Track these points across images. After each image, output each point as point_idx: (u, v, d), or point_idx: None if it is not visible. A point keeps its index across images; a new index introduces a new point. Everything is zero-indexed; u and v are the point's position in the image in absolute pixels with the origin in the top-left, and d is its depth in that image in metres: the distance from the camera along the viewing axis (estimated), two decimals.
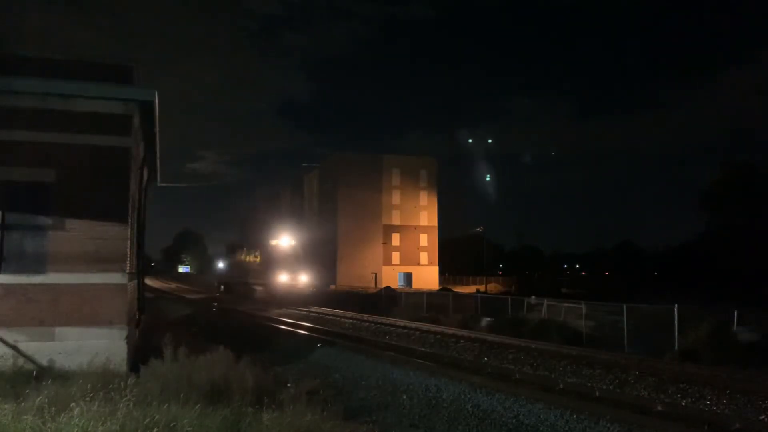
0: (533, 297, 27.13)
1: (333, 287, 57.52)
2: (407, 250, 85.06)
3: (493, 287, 70.72)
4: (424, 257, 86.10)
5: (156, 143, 14.22)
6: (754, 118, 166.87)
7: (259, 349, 16.04)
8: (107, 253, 10.70)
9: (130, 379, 8.59)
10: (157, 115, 12.12)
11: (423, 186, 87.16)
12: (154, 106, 11.47)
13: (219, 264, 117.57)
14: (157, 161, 16.38)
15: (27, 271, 10.35)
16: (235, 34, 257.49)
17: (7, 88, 10.39)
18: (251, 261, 46.50)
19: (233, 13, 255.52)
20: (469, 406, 10.55)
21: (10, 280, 10.28)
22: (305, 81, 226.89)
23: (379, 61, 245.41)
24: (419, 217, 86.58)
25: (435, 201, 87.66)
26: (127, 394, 7.46)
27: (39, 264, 10.45)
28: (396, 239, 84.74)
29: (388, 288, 49.77)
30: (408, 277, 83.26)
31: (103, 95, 10.96)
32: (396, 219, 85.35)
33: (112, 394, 7.58)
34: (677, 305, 17.68)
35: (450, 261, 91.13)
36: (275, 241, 41.72)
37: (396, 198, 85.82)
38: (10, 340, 10.06)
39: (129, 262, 11.46)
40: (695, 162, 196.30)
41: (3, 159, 10.41)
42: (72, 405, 6.78)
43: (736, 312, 17.90)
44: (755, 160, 79.15)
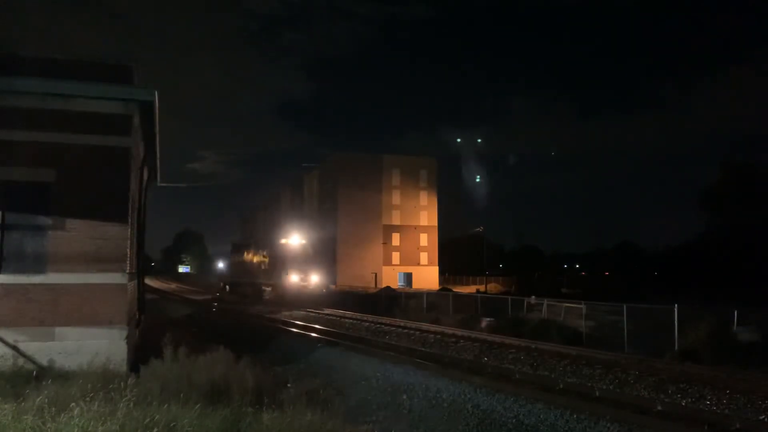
0: (533, 297, 27.12)
1: (333, 287, 57.26)
2: (407, 250, 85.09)
3: (493, 287, 70.71)
4: (424, 257, 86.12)
5: (156, 143, 14.22)
6: (753, 118, 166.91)
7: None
8: (107, 253, 10.70)
9: (130, 379, 8.60)
10: (157, 115, 12.13)
11: (423, 186, 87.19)
12: (154, 106, 11.48)
13: (219, 264, 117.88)
14: (157, 161, 16.38)
15: (27, 271, 10.36)
16: (235, 34, 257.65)
17: (7, 88, 10.39)
18: (258, 261, 44.00)
19: (233, 13, 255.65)
20: (469, 406, 10.55)
21: (10, 280, 10.29)
22: (305, 81, 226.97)
23: (379, 61, 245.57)
24: (419, 217, 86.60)
25: (435, 201, 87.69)
26: (127, 394, 7.47)
27: (39, 264, 10.45)
28: (396, 239, 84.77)
29: (387, 288, 49.77)
30: (408, 277, 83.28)
31: (103, 95, 10.97)
32: (396, 219, 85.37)
33: (112, 394, 7.59)
34: (677, 305, 17.68)
35: (450, 261, 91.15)
36: (285, 240, 39.62)
37: (396, 198, 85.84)
38: (10, 340, 10.07)
39: (129, 262, 11.46)
40: (695, 162, 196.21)
41: (3, 159, 10.42)
42: (72, 405, 6.78)
43: (736, 312, 17.89)
44: (755, 160, 79.12)
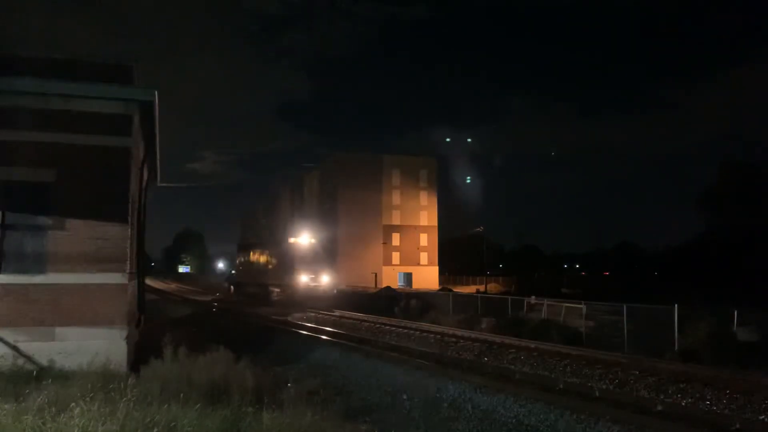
0: (533, 297, 27.13)
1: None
2: (407, 250, 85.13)
3: (493, 287, 70.73)
4: (424, 257, 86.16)
5: (156, 143, 14.22)
6: (753, 118, 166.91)
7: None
8: (107, 253, 10.70)
9: (130, 379, 8.60)
10: (157, 115, 12.13)
11: (423, 186, 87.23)
12: (154, 106, 11.48)
13: (219, 264, 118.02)
14: (157, 161, 16.38)
15: (27, 271, 10.36)
16: (235, 34, 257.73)
17: (7, 88, 10.39)
18: (265, 261, 41.63)
19: (233, 13, 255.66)
20: (469, 406, 10.55)
21: (10, 280, 10.29)
22: (305, 81, 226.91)
23: (379, 61, 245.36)
24: (419, 217, 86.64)
25: (435, 201, 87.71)
26: (128, 394, 7.47)
27: (39, 264, 10.45)
28: (396, 239, 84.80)
29: (387, 288, 49.79)
30: (408, 277, 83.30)
31: (104, 95, 10.97)
32: (396, 219, 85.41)
33: (112, 394, 7.59)
34: (677, 305, 17.69)
35: (450, 261, 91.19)
36: (293, 239, 37.57)
37: (396, 198, 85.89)
38: (10, 340, 10.07)
39: (129, 262, 11.45)
40: (695, 162, 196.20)
41: (3, 159, 10.41)
42: (72, 405, 6.78)
43: (736, 312, 17.90)
44: (755, 160, 79.18)
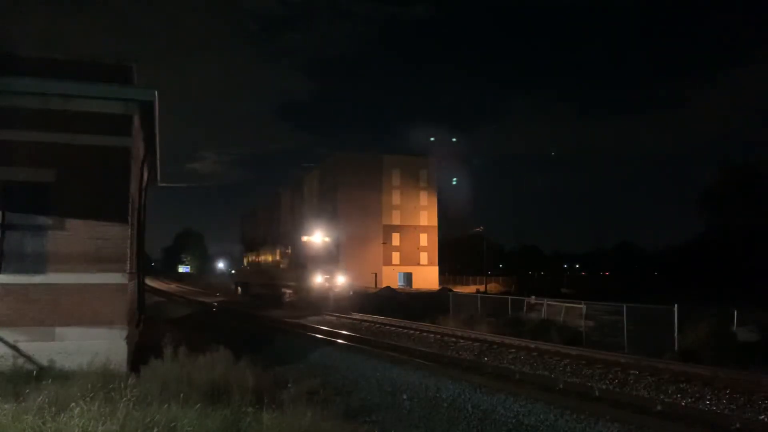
0: (533, 297, 27.12)
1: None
2: (407, 250, 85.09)
3: (493, 287, 70.73)
4: (424, 257, 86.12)
5: (156, 143, 14.23)
6: (753, 118, 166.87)
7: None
8: (107, 253, 10.70)
9: (130, 379, 8.61)
10: (157, 115, 12.13)
11: (423, 186, 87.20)
12: (154, 106, 11.48)
13: (219, 264, 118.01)
14: (157, 161, 16.39)
15: (27, 271, 10.36)
16: (235, 34, 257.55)
17: (7, 88, 10.38)
18: (275, 260, 39.63)
19: (233, 13, 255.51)
20: (469, 405, 10.55)
21: (10, 280, 10.29)
22: (305, 81, 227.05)
23: (379, 61, 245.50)
24: (419, 217, 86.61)
25: (435, 201, 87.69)
26: (128, 394, 7.47)
27: (39, 264, 10.45)
28: (396, 239, 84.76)
29: (387, 288, 49.82)
30: (408, 277, 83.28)
31: (103, 95, 10.96)
32: (396, 219, 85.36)
33: (112, 394, 7.58)
34: (677, 305, 17.69)
35: (450, 261, 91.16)
36: (306, 238, 35.04)
37: (396, 198, 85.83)
38: (10, 340, 10.07)
39: (129, 262, 11.46)
40: (695, 162, 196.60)
41: (3, 159, 10.41)
42: (72, 405, 6.78)
43: (735, 312, 17.91)
44: (755, 160, 79.21)
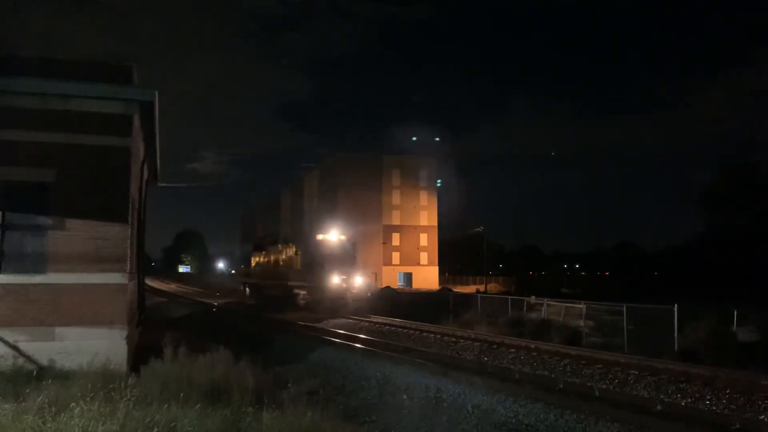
0: (533, 297, 27.11)
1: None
2: (407, 250, 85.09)
3: (493, 287, 70.68)
4: (424, 257, 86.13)
5: (156, 143, 14.24)
6: (753, 118, 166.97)
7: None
8: (107, 253, 10.70)
9: (130, 379, 8.61)
10: (157, 115, 12.14)
11: (423, 186, 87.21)
12: (154, 106, 11.48)
13: (220, 264, 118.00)
14: (157, 161, 16.40)
15: (27, 271, 10.36)
16: (235, 34, 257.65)
17: (7, 88, 10.39)
18: (288, 259, 36.79)
19: (233, 13, 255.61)
20: (470, 405, 10.55)
21: (10, 280, 10.29)
22: (305, 81, 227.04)
23: (380, 61, 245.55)
24: (419, 217, 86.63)
25: (435, 201, 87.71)
26: (128, 394, 7.47)
27: (39, 264, 10.45)
28: (396, 239, 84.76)
29: (388, 288, 49.80)
30: (408, 277, 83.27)
31: (103, 95, 10.97)
32: (396, 219, 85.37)
33: (112, 394, 7.58)
34: (677, 305, 17.69)
35: (450, 261, 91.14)
36: (322, 236, 33.06)
37: (396, 198, 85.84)
38: (10, 340, 10.07)
39: (129, 262, 11.46)
40: (695, 162, 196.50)
41: (3, 159, 10.41)
42: (72, 405, 6.78)
43: (735, 312, 17.89)
44: (755, 160, 79.31)
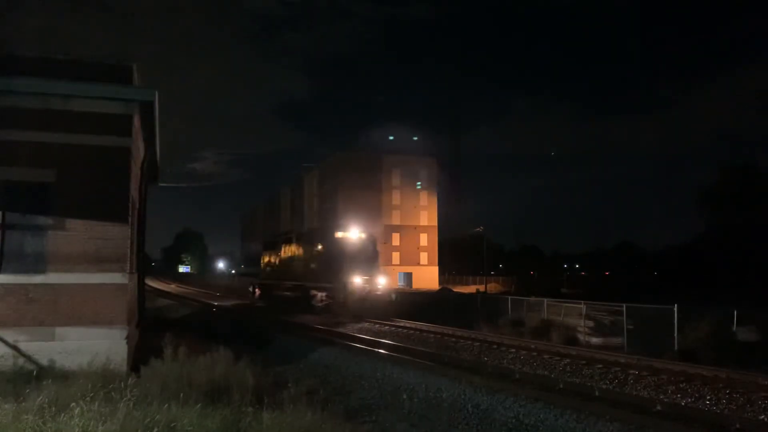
0: (533, 297, 27.12)
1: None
2: (407, 250, 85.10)
3: (493, 287, 70.67)
4: (424, 257, 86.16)
5: (156, 143, 14.23)
6: (753, 118, 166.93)
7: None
8: (107, 253, 10.70)
9: (130, 379, 8.61)
10: (157, 115, 12.13)
11: (423, 186, 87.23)
12: (154, 106, 11.48)
13: (219, 264, 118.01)
14: (157, 161, 16.39)
15: (27, 271, 10.36)
16: (235, 34, 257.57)
17: (7, 88, 10.38)
18: (304, 259, 34.02)
19: (233, 13, 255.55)
20: (469, 405, 10.55)
21: (10, 280, 10.28)
22: (305, 81, 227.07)
23: (380, 62, 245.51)
24: (419, 217, 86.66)
25: (435, 201, 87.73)
26: (128, 394, 7.48)
27: (39, 264, 10.44)
28: (396, 239, 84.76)
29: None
30: (408, 277, 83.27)
31: (103, 95, 10.96)
32: (396, 219, 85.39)
33: (112, 394, 7.59)
34: (677, 305, 17.70)
35: (450, 261, 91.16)
36: (341, 234, 30.85)
37: (396, 198, 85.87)
38: (10, 340, 10.07)
39: (129, 262, 11.46)
40: (695, 162, 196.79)
41: (3, 159, 10.40)
42: (72, 405, 6.79)
43: (735, 312, 17.90)
44: (755, 160, 79.38)
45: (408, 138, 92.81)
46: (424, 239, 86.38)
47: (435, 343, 19.09)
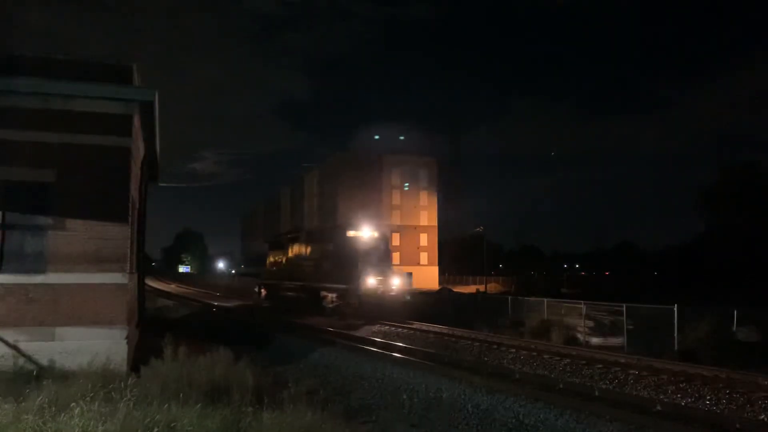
0: (533, 297, 27.12)
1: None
2: (407, 250, 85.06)
3: (493, 287, 70.69)
4: (424, 257, 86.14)
5: (156, 143, 14.24)
6: (753, 118, 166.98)
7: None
8: (107, 253, 10.70)
9: (130, 379, 8.60)
10: (157, 115, 12.13)
11: (423, 186, 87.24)
12: (154, 106, 11.48)
13: (219, 264, 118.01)
14: (157, 161, 16.39)
15: (27, 271, 10.35)
16: (235, 34, 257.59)
17: (7, 88, 10.39)
18: (314, 258, 32.68)
19: (233, 13, 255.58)
20: (470, 405, 10.55)
21: (10, 280, 10.28)
22: (305, 81, 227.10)
23: (380, 62, 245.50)
24: (419, 217, 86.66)
25: (435, 201, 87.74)
26: (128, 394, 7.48)
27: (39, 264, 10.44)
28: (396, 239, 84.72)
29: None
30: (408, 277, 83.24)
31: (103, 95, 10.96)
32: (396, 219, 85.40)
33: (112, 394, 7.59)
34: (677, 305, 17.71)
35: (450, 261, 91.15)
36: (354, 233, 29.90)
37: (396, 198, 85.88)
38: (10, 340, 10.06)
39: (129, 262, 11.46)
40: (695, 162, 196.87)
41: (3, 159, 10.40)
42: (72, 405, 6.79)
43: (735, 312, 17.91)
44: (755, 160, 79.35)
45: (407, 137, 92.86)
46: (424, 239, 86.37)
47: (435, 343, 19.04)
